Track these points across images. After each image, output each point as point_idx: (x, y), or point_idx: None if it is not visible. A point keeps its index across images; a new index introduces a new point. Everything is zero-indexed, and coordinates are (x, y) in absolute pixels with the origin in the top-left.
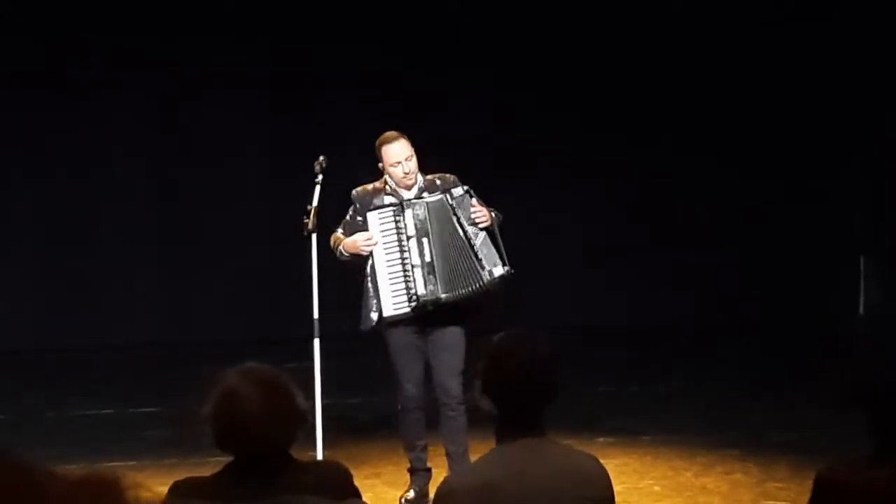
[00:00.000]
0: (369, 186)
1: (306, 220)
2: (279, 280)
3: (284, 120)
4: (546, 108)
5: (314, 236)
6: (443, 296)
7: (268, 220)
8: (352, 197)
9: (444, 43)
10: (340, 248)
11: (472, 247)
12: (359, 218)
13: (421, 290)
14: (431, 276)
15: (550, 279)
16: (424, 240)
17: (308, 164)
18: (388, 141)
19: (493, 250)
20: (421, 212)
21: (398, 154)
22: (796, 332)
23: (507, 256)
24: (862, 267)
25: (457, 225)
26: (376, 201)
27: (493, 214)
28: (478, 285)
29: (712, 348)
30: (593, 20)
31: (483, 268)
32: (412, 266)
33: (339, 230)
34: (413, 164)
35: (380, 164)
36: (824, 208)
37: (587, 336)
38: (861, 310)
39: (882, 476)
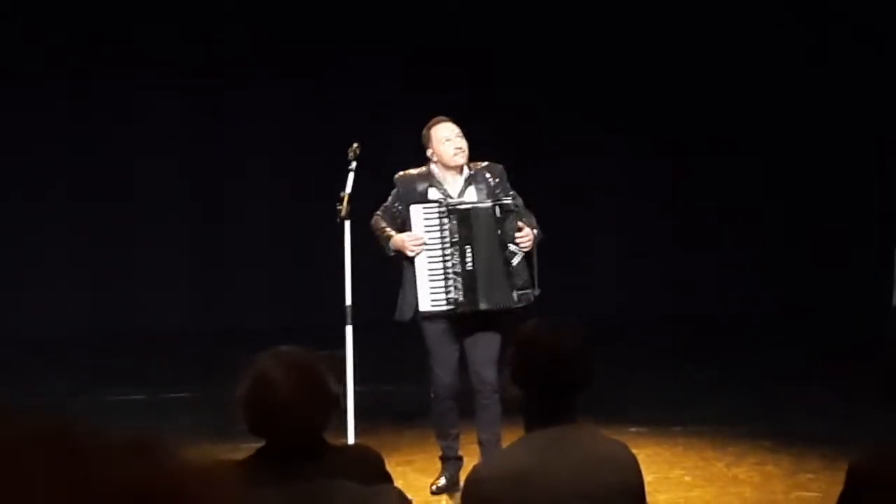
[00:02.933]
0: (413, 171)
1: (339, 207)
2: (313, 267)
3: (318, 104)
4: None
5: (347, 223)
6: (481, 306)
7: (302, 207)
8: (395, 180)
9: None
10: (390, 244)
11: (508, 265)
12: (397, 205)
13: (460, 298)
14: (472, 286)
15: (590, 267)
16: (468, 248)
17: (342, 150)
18: (438, 121)
19: (527, 272)
20: (467, 220)
21: (450, 130)
22: (830, 324)
23: (537, 279)
24: None
25: (499, 240)
26: (420, 188)
27: (535, 233)
28: (506, 305)
29: (745, 339)
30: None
31: (513, 288)
32: (454, 273)
33: (381, 218)
34: (464, 142)
35: (428, 151)
36: (859, 200)
37: (624, 325)
38: (894, 302)
39: None
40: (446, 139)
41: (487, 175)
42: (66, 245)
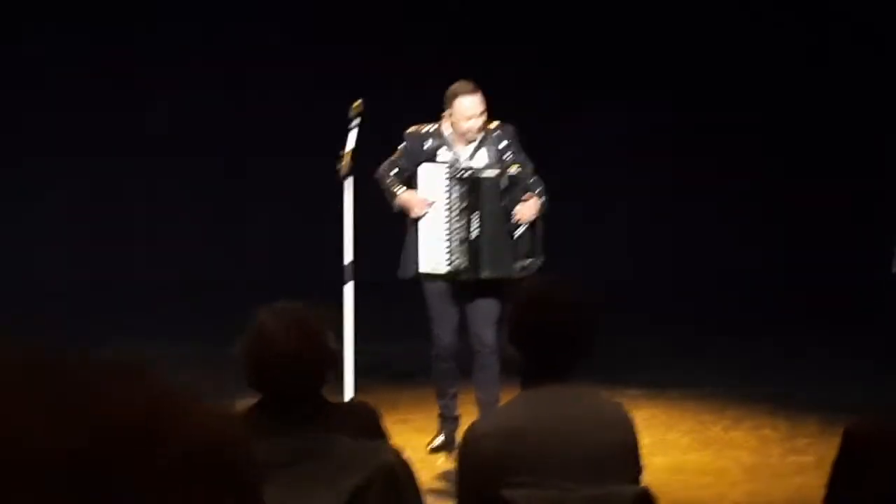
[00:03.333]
0: (424, 128)
1: (341, 165)
2: (314, 224)
3: (321, 62)
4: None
5: (349, 180)
6: (483, 275)
7: (304, 164)
8: (404, 135)
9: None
10: (395, 202)
11: (511, 235)
12: (404, 160)
13: (463, 264)
14: (475, 254)
15: (598, 233)
16: (474, 216)
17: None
18: (465, 93)
19: (530, 242)
20: (474, 188)
21: (475, 108)
22: (832, 290)
23: (544, 245)
24: None
25: (504, 210)
26: (429, 145)
27: (542, 201)
28: (507, 275)
29: (745, 304)
30: None
31: (516, 259)
32: (458, 239)
33: (391, 172)
34: (481, 121)
35: (446, 111)
36: (862, 166)
37: (621, 289)
38: (894, 269)
39: None
40: (467, 118)
41: (498, 136)
42: (69, 194)
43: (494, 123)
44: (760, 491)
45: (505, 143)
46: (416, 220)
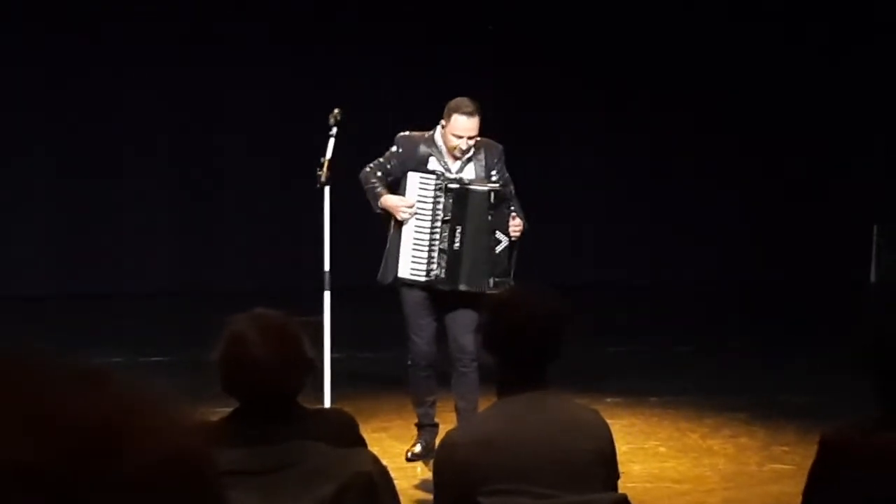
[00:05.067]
0: (417, 134)
1: (319, 173)
2: (292, 232)
3: (298, 70)
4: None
5: (327, 189)
6: (461, 287)
7: (282, 172)
8: (396, 139)
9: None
10: (379, 202)
11: (492, 251)
12: (394, 162)
13: (441, 275)
14: (455, 266)
15: (572, 236)
16: (458, 228)
17: (325, 116)
18: (463, 111)
19: (507, 261)
20: (462, 200)
21: (467, 129)
22: (810, 298)
23: (514, 271)
24: (875, 236)
25: (488, 225)
26: (421, 152)
27: (524, 224)
28: (481, 289)
29: (725, 312)
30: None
31: (491, 275)
32: (439, 250)
33: (377, 173)
34: (470, 143)
35: (442, 123)
36: (840, 177)
37: (605, 294)
38: (873, 277)
39: (886, 438)
40: (458, 136)
41: (489, 153)
42: (49, 206)
43: (486, 140)
44: (738, 498)
45: (494, 160)
46: (400, 225)
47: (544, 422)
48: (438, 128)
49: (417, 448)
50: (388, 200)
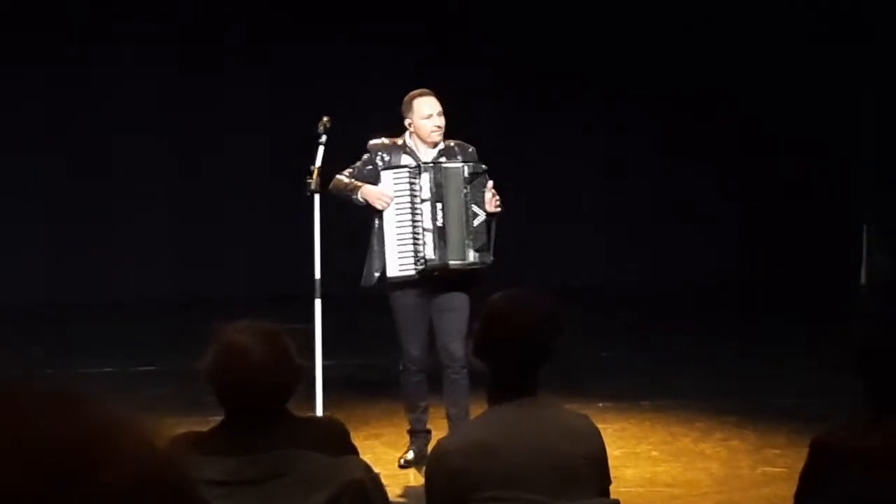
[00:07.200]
0: (387, 140)
1: (309, 180)
2: (282, 240)
3: (289, 82)
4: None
5: (317, 196)
6: (451, 262)
7: (272, 180)
8: (368, 147)
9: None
10: (358, 195)
11: (468, 224)
12: (370, 168)
13: (430, 255)
14: (442, 242)
15: (562, 239)
16: (438, 204)
17: (313, 124)
18: (422, 94)
19: (485, 236)
20: (438, 176)
21: (433, 106)
22: (801, 300)
23: (493, 247)
24: (865, 236)
25: (464, 198)
26: (393, 158)
27: (498, 202)
28: (465, 260)
29: (716, 314)
30: None
31: (472, 247)
32: (423, 230)
33: (346, 172)
34: (443, 120)
35: (406, 121)
36: (831, 178)
37: (595, 297)
38: (863, 279)
39: (877, 441)
40: (427, 115)
41: (457, 150)
42: (41, 213)
43: (458, 142)
44: (731, 501)
45: (468, 159)
46: (380, 226)
47: (536, 428)
48: (406, 133)
49: (410, 455)
50: (368, 189)
